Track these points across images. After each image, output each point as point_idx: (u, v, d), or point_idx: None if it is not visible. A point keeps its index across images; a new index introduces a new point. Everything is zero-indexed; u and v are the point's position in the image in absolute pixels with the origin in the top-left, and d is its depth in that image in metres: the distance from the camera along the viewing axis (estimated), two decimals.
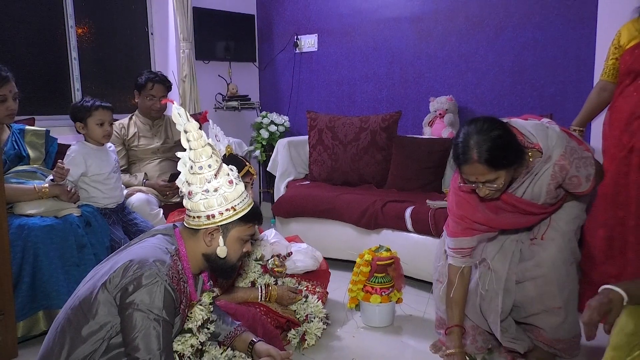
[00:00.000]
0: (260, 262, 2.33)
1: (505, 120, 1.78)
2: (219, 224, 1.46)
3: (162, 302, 1.35)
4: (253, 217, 1.52)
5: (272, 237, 2.54)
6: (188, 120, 1.41)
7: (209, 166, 1.42)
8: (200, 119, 2.18)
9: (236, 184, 1.47)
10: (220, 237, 1.48)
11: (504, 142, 1.65)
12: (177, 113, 1.40)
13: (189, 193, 1.45)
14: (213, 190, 1.43)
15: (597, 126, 2.70)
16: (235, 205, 1.46)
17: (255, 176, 2.16)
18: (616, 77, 2.46)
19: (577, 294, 2.00)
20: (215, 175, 1.42)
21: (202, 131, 1.44)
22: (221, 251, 1.49)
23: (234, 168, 1.50)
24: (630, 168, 2.34)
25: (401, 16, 3.84)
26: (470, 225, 1.89)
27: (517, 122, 1.82)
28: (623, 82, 2.42)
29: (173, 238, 1.52)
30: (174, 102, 1.45)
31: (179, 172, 1.49)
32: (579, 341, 2.04)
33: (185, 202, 1.48)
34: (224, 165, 1.46)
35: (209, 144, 1.43)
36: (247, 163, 2.12)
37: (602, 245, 2.45)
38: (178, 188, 1.50)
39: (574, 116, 2.73)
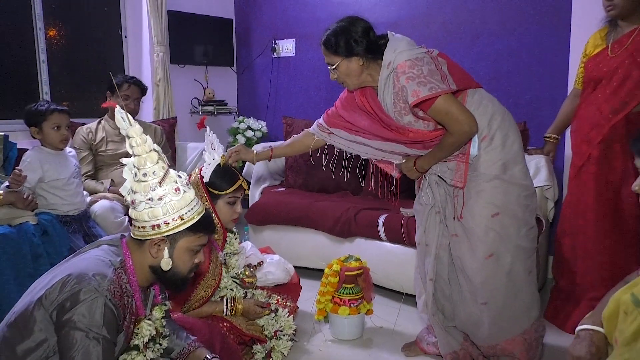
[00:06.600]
0: (237, 280, 2.21)
1: (392, 33, 1.93)
2: (165, 234, 1.37)
3: (102, 319, 1.26)
4: (203, 227, 1.43)
5: (248, 249, 2.47)
6: (131, 124, 1.33)
7: (154, 173, 1.34)
8: (198, 124, 2.11)
9: (184, 191, 1.39)
10: (166, 248, 1.40)
11: (343, 30, 1.83)
12: (120, 117, 1.32)
13: (132, 202, 1.36)
14: (157, 199, 1.34)
15: None
16: (182, 215, 1.38)
17: (247, 191, 2.12)
18: None
19: (501, 288, 1.89)
20: (160, 182, 1.34)
21: (147, 136, 1.36)
22: (165, 263, 1.39)
23: (183, 174, 1.42)
24: (588, 177, 2.34)
25: (377, 22, 3.69)
26: (335, 117, 2.16)
27: (400, 36, 1.93)
28: (586, 90, 2.42)
29: (119, 249, 1.43)
30: (117, 105, 1.38)
31: None
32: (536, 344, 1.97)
33: (130, 211, 1.39)
34: (172, 171, 1.38)
35: (154, 149, 1.35)
36: (240, 177, 2.05)
37: (568, 253, 2.46)
38: None
39: (550, 123, 2.72)
